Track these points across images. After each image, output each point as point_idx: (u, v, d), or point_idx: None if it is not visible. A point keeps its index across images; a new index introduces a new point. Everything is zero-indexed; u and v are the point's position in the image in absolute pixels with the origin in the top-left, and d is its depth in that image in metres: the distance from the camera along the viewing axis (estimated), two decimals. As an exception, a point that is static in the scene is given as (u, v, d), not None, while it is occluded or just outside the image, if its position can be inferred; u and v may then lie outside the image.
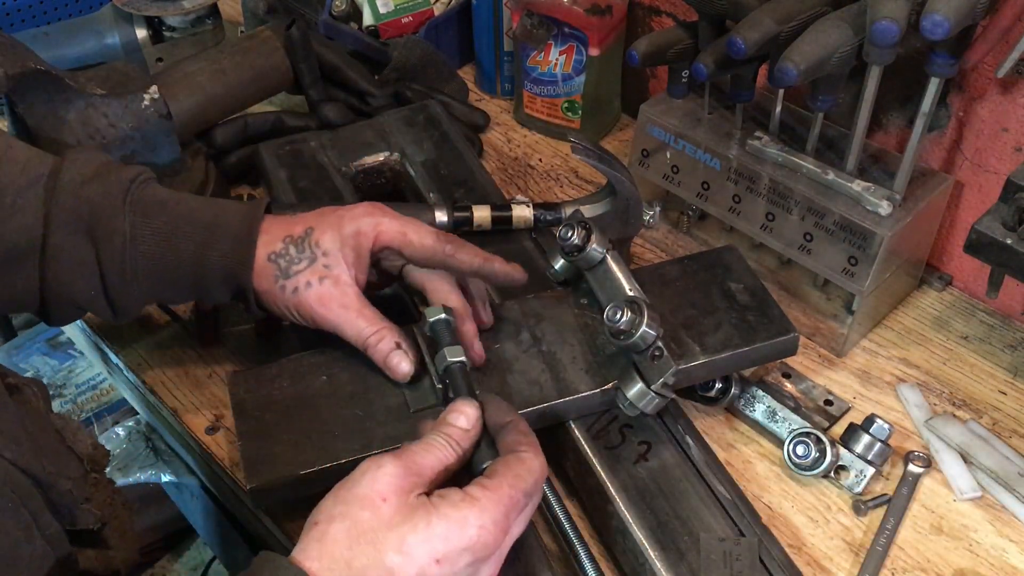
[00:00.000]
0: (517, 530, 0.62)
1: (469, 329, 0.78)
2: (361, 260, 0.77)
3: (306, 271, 0.76)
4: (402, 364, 0.76)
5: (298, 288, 0.75)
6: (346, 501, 0.58)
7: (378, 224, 0.77)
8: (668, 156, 1.00)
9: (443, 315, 0.76)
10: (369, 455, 0.72)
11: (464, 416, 0.65)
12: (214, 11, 1.27)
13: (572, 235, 0.81)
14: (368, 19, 1.27)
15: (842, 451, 0.82)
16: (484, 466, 0.63)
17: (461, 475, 0.63)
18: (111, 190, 0.75)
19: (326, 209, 0.79)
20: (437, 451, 0.62)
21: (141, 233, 0.75)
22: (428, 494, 0.59)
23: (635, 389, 0.76)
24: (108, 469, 0.72)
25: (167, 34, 1.25)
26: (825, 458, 0.81)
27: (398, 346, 0.76)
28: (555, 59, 1.15)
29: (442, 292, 0.78)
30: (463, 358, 0.73)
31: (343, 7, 1.27)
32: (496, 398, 0.68)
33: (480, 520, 0.58)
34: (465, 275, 0.78)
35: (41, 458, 0.61)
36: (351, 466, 0.72)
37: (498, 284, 0.80)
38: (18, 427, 0.62)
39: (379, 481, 0.58)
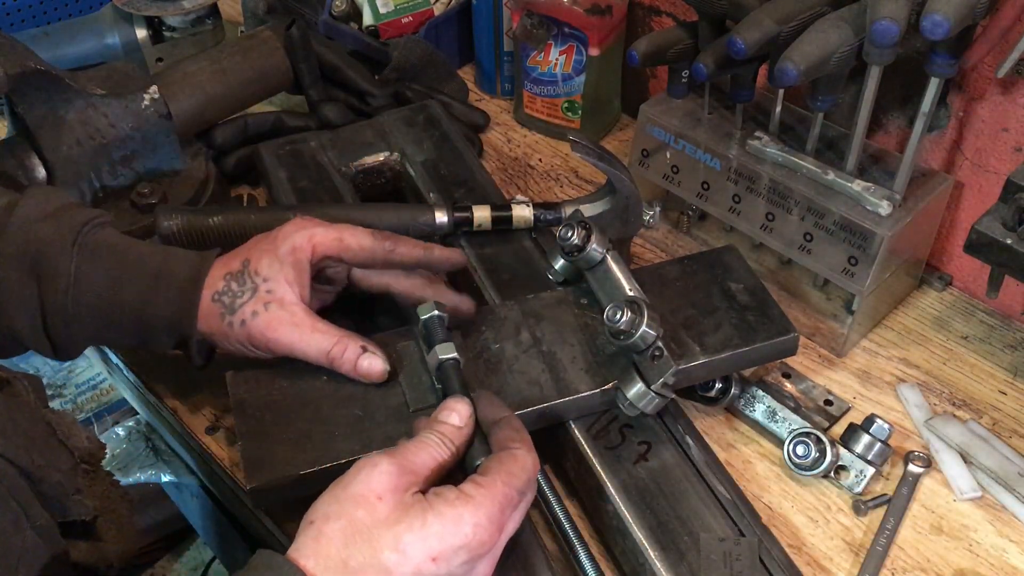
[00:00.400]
0: (512, 527, 0.62)
1: (448, 294, 0.80)
2: (302, 276, 0.76)
3: (250, 302, 0.74)
4: (374, 364, 0.75)
5: (245, 320, 0.74)
6: (341, 500, 0.58)
7: (312, 236, 0.76)
8: (668, 156, 1.00)
9: (435, 312, 0.76)
10: (367, 454, 0.73)
11: (456, 414, 0.65)
12: (214, 11, 1.27)
13: (572, 235, 0.81)
14: (368, 19, 1.27)
15: (842, 451, 0.82)
16: (478, 463, 0.64)
17: (455, 472, 0.64)
18: (61, 231, 0.75)
19: (259, 237, 0.78)
20: (431, 449, 0.62)
21: (86, 276, 0.75)
22: (423, 492, 0.60)
23: (635, 389, 0.76)
24: (109, 470, 0.72)
25: (167, 34, 1.25)
26: (825, 458, 0.81)
27: (364, 349, 0.75)
28: (555, 59, 1.15)
29: (415, 288, 0.79)
30: (455, 355, 0.74)
31: (343, 7, 1.27)
32: (488, 394, 0.69)
33: (475, 518, 0.58)
34: (408, 267, 0.79)
35: (31, 451, 0.61)
36: (351, 466, 0.73)
37: (442, 270, 0.80)
38: (6, 420, 0.62)
39: (374, 480, 0.59)
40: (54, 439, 0.65)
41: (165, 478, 1.32)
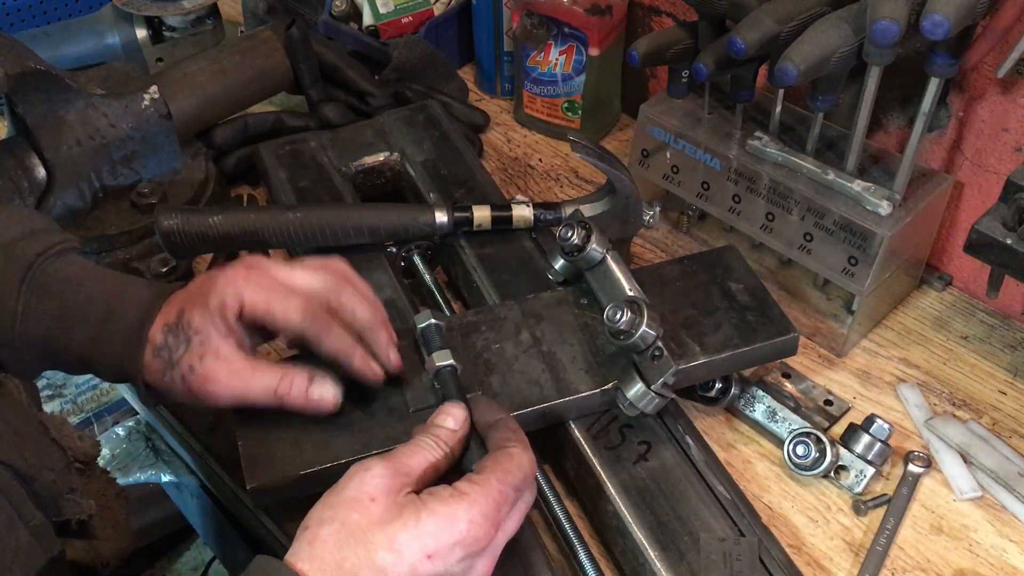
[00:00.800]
0: (512, 526, 0.62)
1: (383, 337, 0.75)
2: (234, 330, 0.72)
3: (185, 356, 0.71)
4: (324, 392, 0.72)
5: (184, 376, 0.71)
6: (335, 505, 0.58)
7: (239, 296, 0.71)
8: (668, 156, 1.00)
9: (431, 321, 0.77)
10: (368, 455, 0.73)
11: (451, 417, 0.65)
12: (214, 11, 1.27)
13: (572, 235, 0.81)
14: (368, 19, 1.27)
15: (842, 451, 0.82)
16: (474, 466, 0.64)
17: (451, 476, 0.63)
18: (12, 267, 0.73)
19: (197, 281, 0.75)
20: (425, 451, 0.62)
21: (33, 314, 0.72)
22: (418, 493, 0.60)
23: (635, 389, 0.76)
24: (109, 470, 0.72)
25: (167, 34, 1.25)
26: (825, 458, 0.81)
27: (311, 378, 0.72)
28: (555, 59, 1.15)
29: (341, 350, 0.74)
30: (452, 362, 0.74)
31: (343, 7, 1.27)
32: (485, 398, 0.68)
33: (469, 514, 0.58)
34: (329, 361, 0.74)
35: (23, 450, 0.61)
36: (348, 468, 0.73)
37: (354, 376, 0.74)
38: (7, 418, 0.62)
39: (367, 483, 0.59)
40: (46, 438, 0.65)
41: (165, 478, 1.31)
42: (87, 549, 0.65)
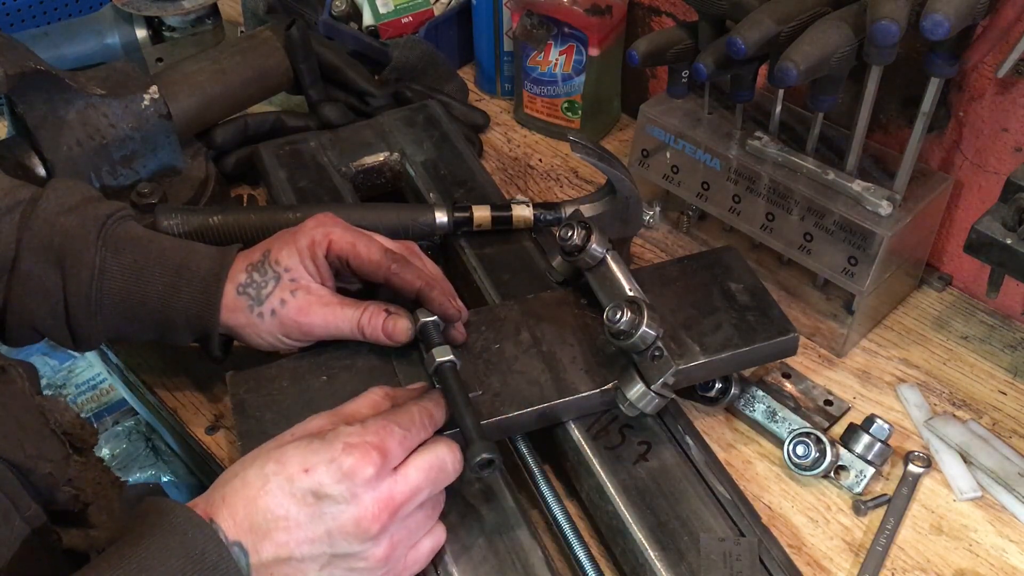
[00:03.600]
0: (417, 475, 0.63)
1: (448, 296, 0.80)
2: (321, 268, 0.78)
3: (276, 291, 0.77)
4: (399, 324, 0.77)
5: (275, 309, 0.77)
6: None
7: (329, 233, 0.78)
8: (668, 156, 1.00)
9: (432, 317, 0.78)
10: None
11: (415, 390, 0.73)
12: (214, 11, 1.27)
13: (572, 235, 0.81)
14: (368, 19, 1.27)
15: (842, 451, 0.82)
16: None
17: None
18: (86, 223, 0.77)
19: (282, 231, 0.81)
20: (370, 397, 0.69)
21: (110, 268, 0.77)
22: None
23: (635, 389, 0.76)
24: (109, 466, 0.72)
25: (167, 34, 1.25)
26: (825, 458, 0.81)
27: (388, 312, 0.77)
28: (555, 59, 1.15)
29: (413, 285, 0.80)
30: (452, 357, 0.75)
31: (343, 7, 1.27)
32: (438, 391, 0.73)
33: (347, 437, 0.62)
34: (406, 295, 0.79)
35: (23, 443, 0.62)
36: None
37: (434, 311, 0.79)
38: (7, 408, 0.63)
39: (303, 426, 0.66)
40: (46, 428, 0.66)
41: (165, 478, 1.32)
42: (82, 536, 0.65)
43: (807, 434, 0.82)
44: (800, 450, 0.82)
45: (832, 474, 0.82)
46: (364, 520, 0.61)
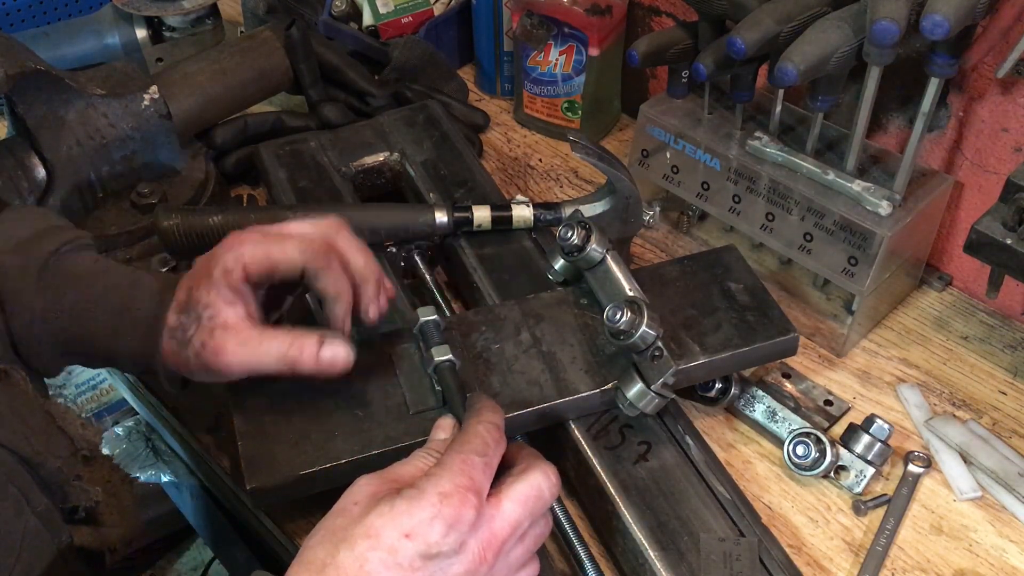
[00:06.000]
0: (513, 508, 0.59)
1: (372, 289, 0.75)
2: (241, 295, 0.72)
3: (197, 333, 0.71)
4: (336, 350, 0.71)
5: (197, 352, 0.72)
6: (325, 519, 0.58)
7: (240, 257, 0.72)
8: (668, 156, 1.00)
9: (432, 317, 0.76)
10: (368, 455, 0.73)
11: (441, 429, 0.66)
12: (214, 11, 1.27)
13: (572, 235, 0.81)
14: (368, 19, 1.27)
15: (842, 451, 0.82)
16: None
17: None
18: (28, 263, 0.74)
19: (200, 260, 0.75)
20: (416, 461, 0.61)
21: (51, 311, 0.74)
22: None
23: (635, 389, 0.76)
24: (119, 463, 0.72)
25: (167, 34, 1.25)
26: (825, 458, 0.81)
27: (321, 340, 0.71)
28: (555, 59, 1.15)
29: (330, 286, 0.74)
30: (451, 357, 0.74)
31: (343, 7, 1.27)
32: (481, 394, 0.67)
33: (437, 487, 0.56)
34: (330, 297, 0.74)
35: (29, 438, 0.62)
36: (351, 466, 0.73)
37: (327, 323, 0.74)
38: (4, 408, 0.63)
39: (354, 492, 0.58)
40: (53, 426, 0.66)
41: (165, 478, 1.31)
42: (94, 535, 0.65)
43: (807, 434, 0.82)
44: (800, 450, 0.82)
45: (832, 474, 0.82)
46: (473, 565, 0.57)
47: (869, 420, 0.83)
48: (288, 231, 0.74)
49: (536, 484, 0.61)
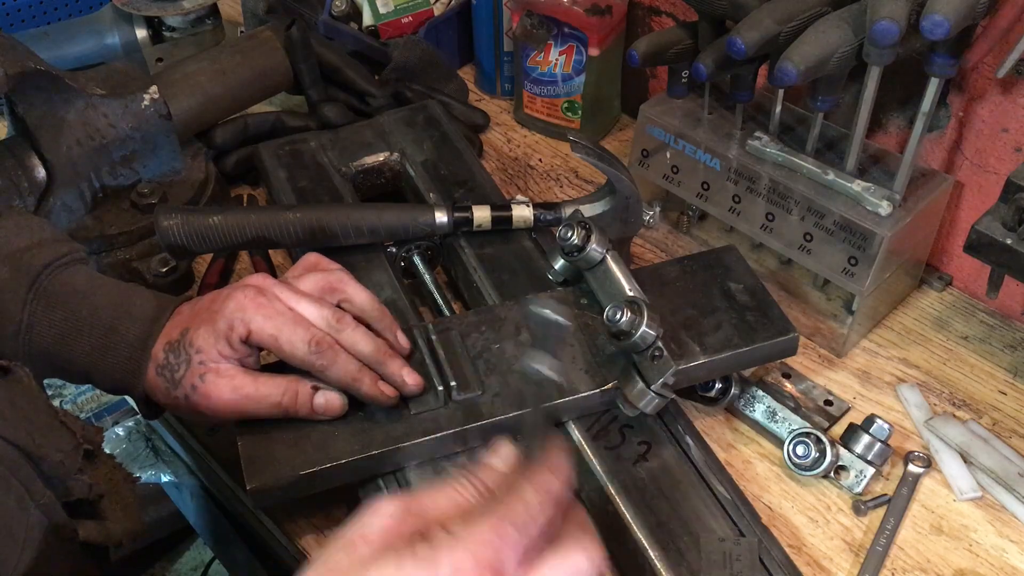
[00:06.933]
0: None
1: (394, 364, 0.75)
2: (238, 351, 0.73)
3: (187, 375, 0.72)
4: (331, 399, 0.73)
5: (187, 394, 0.72)
6: (331, 545, 0.50)
7: (248, 323, 0.72)
8: (668, 156, 1.00)
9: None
10: (368, 455, 0.73)
11: (500, 457, 0.54)
12: (214, 11, 1.27)
13: (572, 235, 0.81)
14: (368, 19, 1.27)
15: (842, 451, 0.82)
16: None
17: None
18: (19, 274, 0.74)
19: (206, 300, 0.75)
20: (451, 492, 0.51)
21: (39, 324, 0.74)
22: None
23: (635, 389, 0.76)
24: (121, 461, 0.73)
25: (167, 34, 1.25)
26: (825, 458, 0.81)
27: (315, 387, 0.73)
28: (555, 59, 1.15)
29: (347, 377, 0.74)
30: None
31: (343, 7, 1.27)
32: (558, 440, 0.54)
33: (452, 558, 0.46)
34: (337, 386, 0.74)
35: (32, 432, 0.62)
36: (351, 466, 0.73)
37: (367, 401, 0.74)
38: (6, 403, 0.63)
39: (369, 523, 0.49)
40: (55, 420, 0.66)
41: (165, 478, 1.32)
42: (98, 528, 0.65)
43: (807, 434, 0.82)
44: (800, 450, 0.82)
45: (832, 474, 0.82)
46: None
47: (869, 420, 0.83)
48: (300, 312, 0.73)
49: (576, 564, 0.51)
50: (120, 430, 1.54)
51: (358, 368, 0.73)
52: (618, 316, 0.75)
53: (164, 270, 0.98)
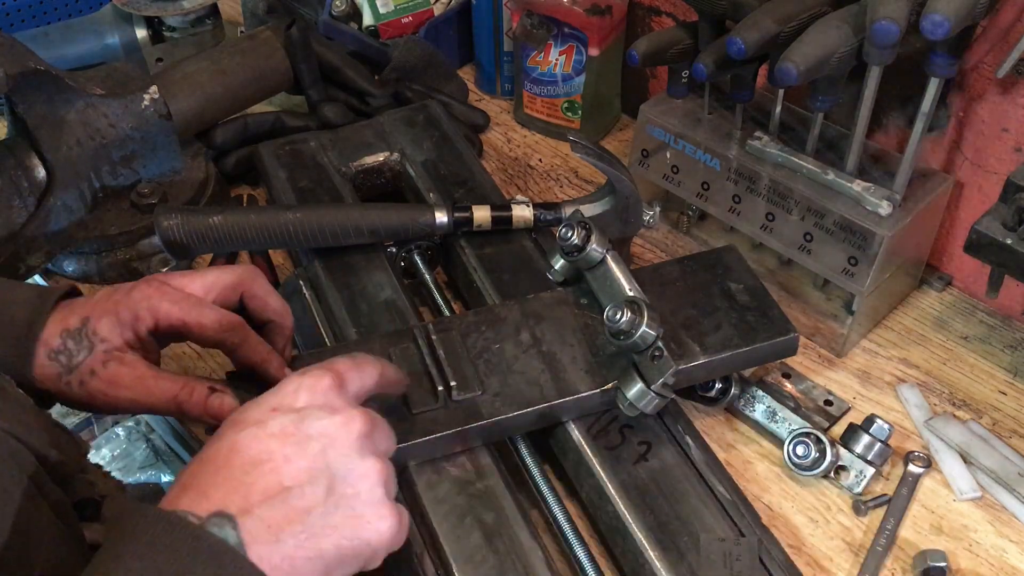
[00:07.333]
0: (368, 375, 0.63)
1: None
2: (143, 342, 0.72)
3: (87, 361, 0.71)
4: (224, 401, 0.72)
5: (84, 380, 0.71)
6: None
7: (155, 311, 0.72)
8: (668, 156, 1.00)
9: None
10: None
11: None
12: (214, 11, 1.27)
13: (572, 235, 0.81)
14: (368, 19, 1.27)
15: (842, 451, 0.82)
16: None
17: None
18: None
19: (104, 293, 0.74)
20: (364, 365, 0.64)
21: None
22: None
23: (635, 389, 0.76)
24: (109, 471, 0.72)
25: (167, 34, 1.25)
26: (825, 458, 0.81)
27: (212, 390, 0.72)
28: (555, 59, 1.15)
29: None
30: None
31: (343, 7, 1.27)
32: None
33: (298, 373, 0.60)
34: (246, 367, 0.75)
35: (31, 432, 0.62)
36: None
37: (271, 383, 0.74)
38: (10, 403, 0.63)
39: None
40: (51, 422, 0.65)
41: (165, 478, 1.32)
42: (103, 531, 0.65)
43: (807, 434, 0.82)
44: (800, 450, 0.82)
45: (832, 474, 0.82)
46: (339, 419, 0.58)
47: (869, 420, 0.83)
48: (207, 285, 0.74)
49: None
50: (120, 430, 1.54)
51: (268, 350, 0.74)
52: (618, 316, 0.75)
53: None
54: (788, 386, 0.91)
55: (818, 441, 0.81)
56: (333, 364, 0.62)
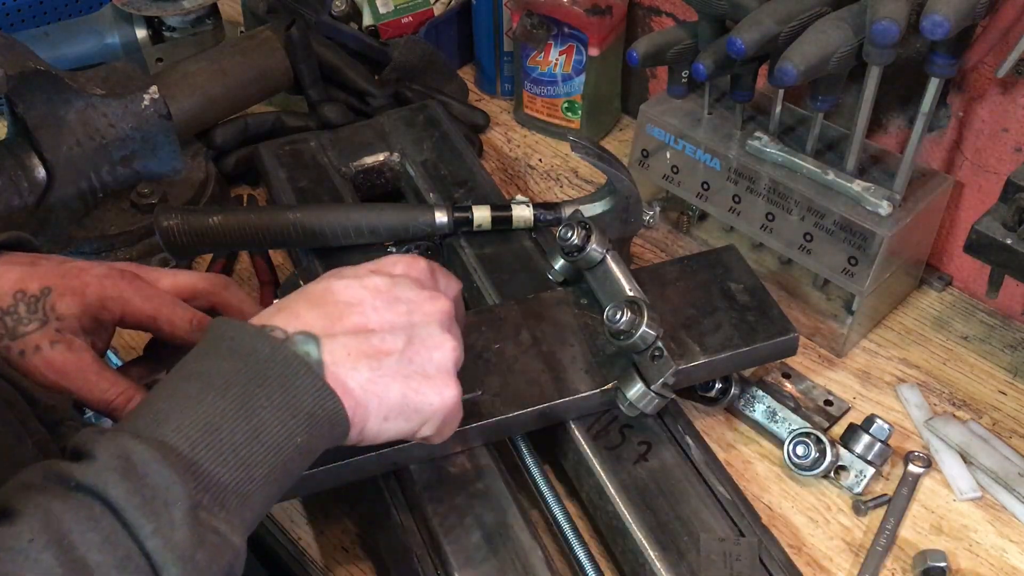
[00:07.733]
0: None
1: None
2: (101, 330, 0.69)
3: (35, 334, 0.66)
4: None
5: (25, 351, 0.66)
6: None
7: (124, 303, 0.69)
8: (668, 156, 1.00)
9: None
10: (368, 455, 0.73)
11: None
12: (214, 11, 1.27)
13: (572, 235, 0.81)
14: (368, 19, 1.27)
15: (842, 451, 0.82)
16: None
17: None
18: None
19: (70, 267, 0.69)
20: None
21: None
22: None
23: (635, 389, 0.76)
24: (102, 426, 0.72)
25: (167, 34, 1.25)
26: (825, 458, 0.81)
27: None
28: (555, 59, 1.15)
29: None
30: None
31: (343, 7, 1.27)
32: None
33: (397, 266, 0.64)
34: None
35: (21, 378, 0.61)
36: (353, 467, 0.73)
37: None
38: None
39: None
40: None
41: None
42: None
43: (807, 434, 0.82)
44: (800, 450, 0.82)
45: (832, 474, 0.82)
46: (432, 297, 0.62)
47: (869, 420, 0.83)
48: (178, 287, 0.72)
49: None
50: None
51: None
52: (618, 316, 0.75)
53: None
54: (788, 386, 0.91)
55: (818, 441, 0.81)
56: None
